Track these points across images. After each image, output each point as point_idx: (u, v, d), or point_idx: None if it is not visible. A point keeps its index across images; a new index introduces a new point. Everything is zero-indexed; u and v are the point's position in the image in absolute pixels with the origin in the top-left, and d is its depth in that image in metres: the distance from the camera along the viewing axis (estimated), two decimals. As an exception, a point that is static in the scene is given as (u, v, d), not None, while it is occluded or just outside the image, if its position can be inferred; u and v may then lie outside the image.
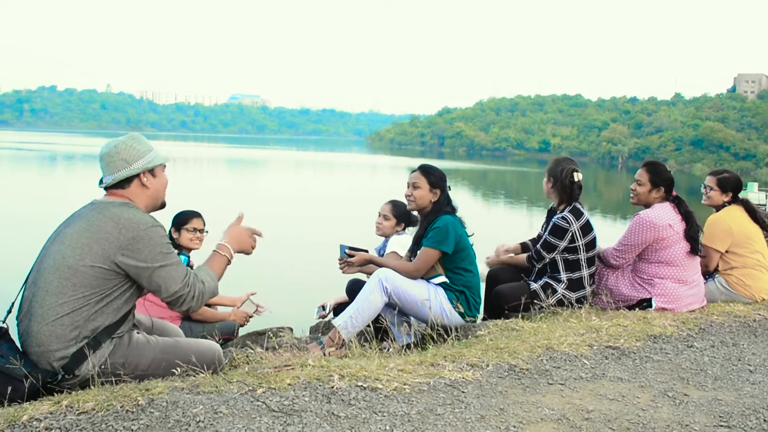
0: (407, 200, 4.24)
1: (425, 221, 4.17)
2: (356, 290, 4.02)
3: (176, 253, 2.82)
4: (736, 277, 4.71)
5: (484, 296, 4.41)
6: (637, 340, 3.64)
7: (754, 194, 34.20)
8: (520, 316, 4.12)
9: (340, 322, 3.80)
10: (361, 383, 2.72)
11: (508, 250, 4.76)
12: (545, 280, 4.36)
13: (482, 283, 4.37)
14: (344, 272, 4.22)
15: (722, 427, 2.62)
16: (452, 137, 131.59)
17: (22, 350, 2.66)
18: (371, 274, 4.07)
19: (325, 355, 3.46)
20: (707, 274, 4.77)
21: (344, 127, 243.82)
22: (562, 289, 4.32)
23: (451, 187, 4.27)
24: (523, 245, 4.77)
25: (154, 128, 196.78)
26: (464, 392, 2.78)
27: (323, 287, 7.53)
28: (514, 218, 31.56)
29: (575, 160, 4.60)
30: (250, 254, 3.10)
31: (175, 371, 2.80)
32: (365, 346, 3.57)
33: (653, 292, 4.32)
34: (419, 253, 4.05)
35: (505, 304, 4.25)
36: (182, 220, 4.52)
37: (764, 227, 4.87)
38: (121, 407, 2.37)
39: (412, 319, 4.15)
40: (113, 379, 2.67)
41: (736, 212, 4.84)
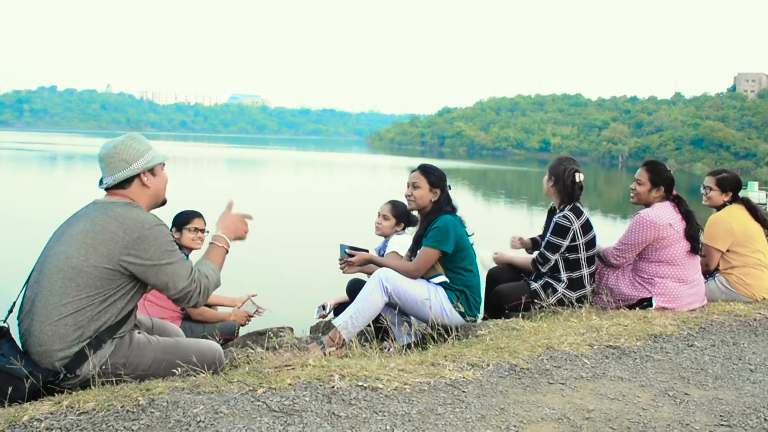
0: (407, 200, 4.24)
1: (425, 221, 4.17)
2: (356, 290, 4.02)
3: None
4: (736, 276, 4.71)
5: (484, 296, 4.41)
6: (637, 339, 3.64)
7: (754, 193, 34.17)
8: (520, 315, 4.13)
9: (340, 321, 3.80)
10: (361, 383, 2.72)
11: (522, 240, 4.77)
12: (545, 279, 4.36)
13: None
14: (344, 272, 4.23)
15: (723, 426, 2.62)
16: (452, 137, 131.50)
17: (23, 350, 2.66)
18: (371, 273, 4.07)
19: (325, 354, 3.47)
20: (708, 273, 4.77)
21: (344, 127, 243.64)
22: (562, 288, 4.32)
23: (451, 186, 4.27)
24: (533, 240, 4.78)
25: (154, 128, 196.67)
26: (465, 392, 2.78)
27: (323, 287, 7.53)
28: (514, 218, 31.54)
29: (576, 160, 4.59)
30: (244, 240, 3.11)
31: (175, 371, 2.80)
32: (366, 345, 3.57)
33: (654, 291, 4.32)
34: (419, 252, 4.05)
35: (505, 303, 4.26)
36: (184, 220, 4.51)
37: (765, 226, 4.87)
38: (121, 407, 2.37)
39: (412, 318, 4.14)
40: (114, 379, 2.68)
41: (737, 211, 4.83)
